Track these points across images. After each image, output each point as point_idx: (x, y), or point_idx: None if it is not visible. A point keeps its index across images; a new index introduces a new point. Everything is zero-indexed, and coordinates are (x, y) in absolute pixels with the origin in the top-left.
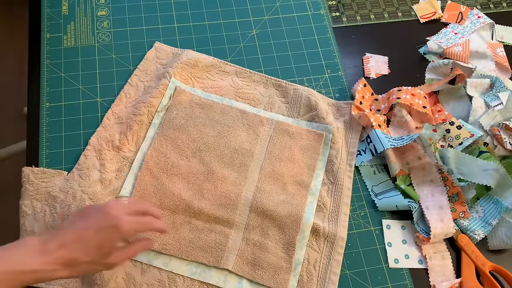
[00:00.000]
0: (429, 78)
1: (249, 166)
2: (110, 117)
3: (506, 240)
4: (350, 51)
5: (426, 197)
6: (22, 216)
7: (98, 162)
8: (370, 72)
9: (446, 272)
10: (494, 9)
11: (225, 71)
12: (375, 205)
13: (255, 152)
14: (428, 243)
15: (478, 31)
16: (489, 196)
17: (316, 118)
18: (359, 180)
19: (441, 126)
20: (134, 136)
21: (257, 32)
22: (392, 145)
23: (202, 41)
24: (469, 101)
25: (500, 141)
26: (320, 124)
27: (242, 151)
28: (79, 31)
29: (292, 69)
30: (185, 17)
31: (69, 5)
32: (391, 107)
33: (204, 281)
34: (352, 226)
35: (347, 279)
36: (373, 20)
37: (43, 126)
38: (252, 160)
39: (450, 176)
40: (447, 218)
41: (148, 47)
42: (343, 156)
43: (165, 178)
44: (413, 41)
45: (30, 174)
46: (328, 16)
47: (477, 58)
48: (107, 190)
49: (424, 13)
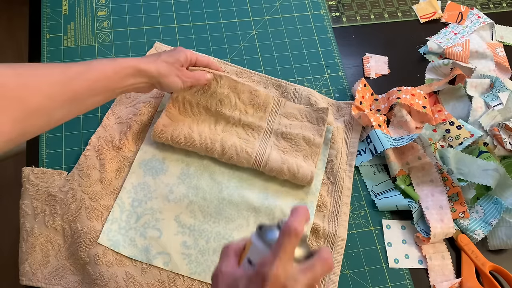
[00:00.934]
0: (429, 78)
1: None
2: (110, 117)
3: (506, 240)
4: (350, 51)
5: (426, 197)
6: (22, 216)
7: (98, 162)
8: (370, 72)
9: (446, 272)
10: (494, 9)
11: (225, 71)
12: (375, 205)
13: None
14: (428, 243)
15: (478, 31)
16: (489, 196)
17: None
18: (359, 180)
19: (441, 126)
20: (134, 136)
21: (257, 32)
22: (392, 145)
23: (202, 41)
24: (469, 101)
25: (500, 141)
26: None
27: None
28: (79, 31)
29: (292, 69)
30: (185, 17)
31: (69, 5)
32: (391, 107)
33: (204, 281)
34: (352, 226)
35: (347, 279)
36: (373, 20)
37: None
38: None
39: (450, 176)
40: (447, 218)
41: (148, 47)
42: (343, 156)
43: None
44: (413, 41)
45: (30, 174)
46: (328, 16)
47: (477, 58)
48: (107, 190)
49: (424, 13)
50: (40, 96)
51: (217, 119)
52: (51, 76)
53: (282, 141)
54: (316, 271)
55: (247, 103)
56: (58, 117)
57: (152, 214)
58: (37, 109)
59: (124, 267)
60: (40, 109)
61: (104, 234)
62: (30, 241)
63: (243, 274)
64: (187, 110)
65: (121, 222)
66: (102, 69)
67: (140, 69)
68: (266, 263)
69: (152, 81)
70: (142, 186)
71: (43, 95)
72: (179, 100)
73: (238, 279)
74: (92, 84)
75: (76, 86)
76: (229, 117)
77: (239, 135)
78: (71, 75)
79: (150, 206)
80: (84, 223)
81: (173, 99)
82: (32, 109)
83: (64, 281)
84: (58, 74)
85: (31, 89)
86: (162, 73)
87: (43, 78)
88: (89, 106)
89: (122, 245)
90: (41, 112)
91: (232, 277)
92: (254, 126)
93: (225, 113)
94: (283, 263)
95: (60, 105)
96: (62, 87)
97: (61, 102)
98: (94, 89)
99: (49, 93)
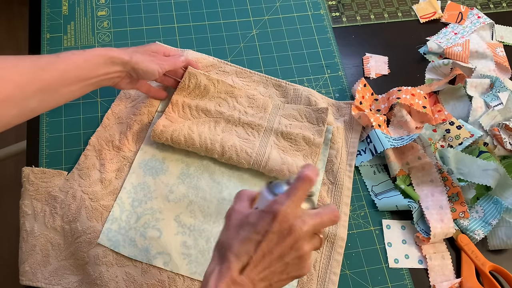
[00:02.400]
0: (429, 78)
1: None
2: (110, 117)
3: (506, 240)
4: (350, 51)
5: (426, 197)
6: (22, 216)
7: (98, 162)
8: (370, 72)
9: (446, 272)
10: (494, 9)
11: (225, 71)
12: (375, 205)
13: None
14: (428, 243)
15: (478, 31)
16: (489, 196)
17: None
18: (359, 180)
19: (441, 126)
20: (134, 136)
21: (257, 32)
22: (392, 145)
23: (202, 41)
24: (469, 101)
25: (500, 141)
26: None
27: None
28: (79, 31)
29: (292, 69)
30: (185, 17)
31: (69, 5)
32: (391, 107)
33: None
34: (352, 226)
35: (347, 279)
36: (373, 20)
37: (43, 126)
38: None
39: (450, 176)
40: (447, 218)
41: None
42: (343, 156)
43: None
44: (413, 41)
45: (30, 174)
46: (328, 16)
47: (477, 58)
48: (107, 190)
49: (424, 13)
50: (10, 85)
51: (217, 120)
52: (21, 67)
53: (282, 140)
54: (323, 218)
55: (246, 106)
56: (31, 107)
57: (152, 214)
58: (7, 98)
59: (124, 267)
60: (10, 98)
61: (104, 234)
62: (30, 241)
63: (255, 211)
64: (186, 113)
65: (121, 222)
66: (72, 58)
67: (112, 56)
68: (278, 201)
69: (127, 68)
70: (142, 186)
71: (13, 85)
72: (178, 104)
73: (249, 215)
74: (63, 74)
75: (47, 76)
76: (229, 116)
77: (239, 134)
78: (41, 65)
79: (150, 206)
80: (84, 223)
81: (172, 103)
82: (2, 98)
83: (64, 281)
84: (28, 64)
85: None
86: (135, 59)
87: (13, 69)
88: (65, 96)
89: (122, 245)
90: (12, 101)
91: (244, 214)
92: (254, 125)
93: (225, 113)
94: (293, 204)
95: (31, 95)
96: (32, 76)
97: (32, 92)
98: (66, 79)
99: (19, 82)
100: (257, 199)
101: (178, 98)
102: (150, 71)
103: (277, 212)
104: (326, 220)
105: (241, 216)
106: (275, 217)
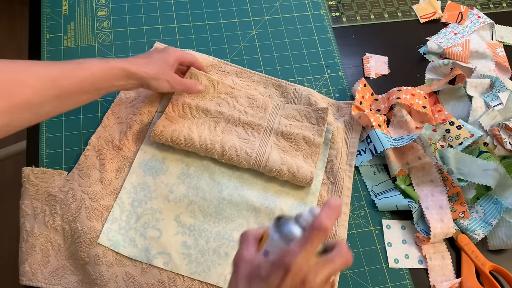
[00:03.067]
0: (429, 78)
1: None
2: (110, 117)
3: (506, 240)
4: (350, 51)
5: (426, 197)
6: (22, 216)
7: (98, 162)
8: (370, 72)
9: (446, 272)
10: (494, 9)
11: (225, 71)
12: (375, 205)
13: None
14: (428, 243)
15: (478, 31)
16: (489, 196)
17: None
18: (359, 180)
19: (441, 126)
20: (134, 136)
21: (257, 32)
22: (392, 145)
23: (202, 41)
24: (469, 101)
25: (500, 141)
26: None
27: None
28: (79, 31)
29: (292, 69)
30: (185, 17)
31: (69, 5)
32: (391, 107)
33: (204, 281)
34: (352, 226)
35: (347, 279)
36: (373, 20)
37: (43, 126)
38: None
39: (450, 176)
40: (447, 218)
41: (148, 47)
42: (343, 156)
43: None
44: (413, 41)
45: (30, 174)
46: (328, 16)
47: (477, 58)
48: (107, 190)
49: (424, 13)
50: (28, 90)
51: (217, 120)
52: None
53: (282, 140)
54: (335, 265)
55: (246, 106)
56: (44, 112)
57: (152, 214)
58: (24, 102)
59: (124, 267)
60: (28, 103)
61: (104, 234)
62: (30, 241)
63: (265, 262)
64: (186, 113)
65: (121, 222)
66: (92, 68)
67: (131, 72)
68: (290, 253)
69: (141, 82)
70: (142, 186)
71: (31, 90)
72: (178, 104)
73: (260, 266)
74: (80, 82)
75: (65, 83)
76: (229, 116)
77: (239, 135)
78: (60, 72)
79: (150, 206)
80: (84, 223)
81: (172, 103)
82: (20, 102)
83: (64, 281)
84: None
85: (20, 84)
86: (152, 76)
87: (32, 74)
88: (75, 103)
89: (122, 245)
90: (29, 106)
91: (254, 264)
92: (254, 125)
93: (225, 113)
94: (307, 255)
95: (47, 100)
96: (50, 82)
97: (49, 97)
98: (82, 87)
99: (37, 88)
100: (264, 238)
101: (179, 97)
102: (161, 89)
103: (290, 265)
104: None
105: (250, 266)
106: (287, 271)
